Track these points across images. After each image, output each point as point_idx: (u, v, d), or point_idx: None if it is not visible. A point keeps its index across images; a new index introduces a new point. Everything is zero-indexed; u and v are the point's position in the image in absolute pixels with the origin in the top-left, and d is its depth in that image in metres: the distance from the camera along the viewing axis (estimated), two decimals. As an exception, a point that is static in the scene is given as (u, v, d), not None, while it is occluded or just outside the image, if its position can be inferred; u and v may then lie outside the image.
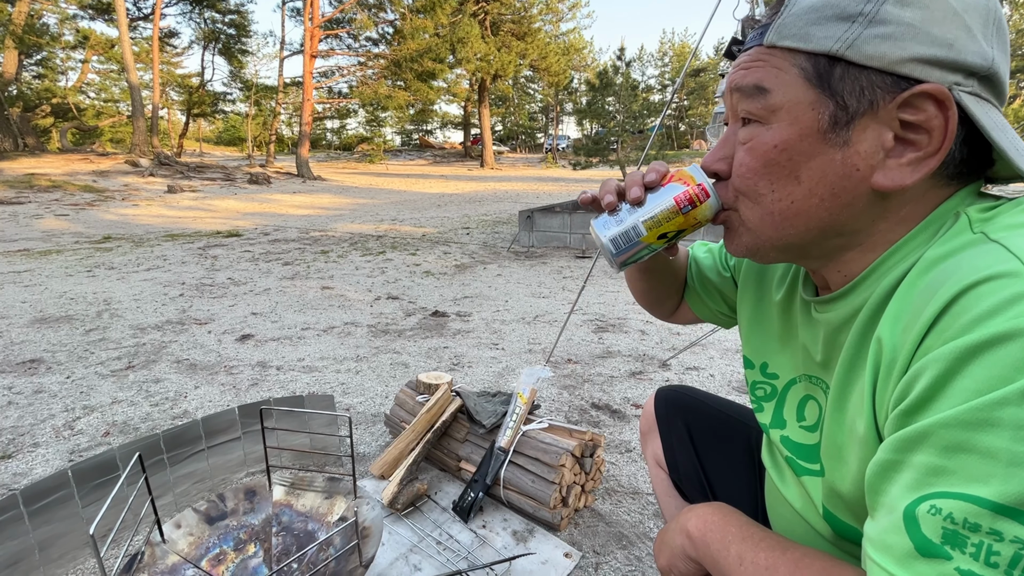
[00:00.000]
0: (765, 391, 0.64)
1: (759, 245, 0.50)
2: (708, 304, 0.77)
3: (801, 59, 0.43)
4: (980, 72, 0.40)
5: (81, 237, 6.65)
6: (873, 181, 0.42)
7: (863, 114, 0.41)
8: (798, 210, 0.46)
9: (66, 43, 21.83)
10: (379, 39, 22.46)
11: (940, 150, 0.40)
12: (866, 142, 0.42)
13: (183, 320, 3.10)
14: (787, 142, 0.44)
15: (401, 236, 6.67)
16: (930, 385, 0.35)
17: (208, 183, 14.38)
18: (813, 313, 0.54)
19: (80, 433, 1.78)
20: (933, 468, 0.34)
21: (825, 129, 0.42)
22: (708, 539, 0.53)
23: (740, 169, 0.48)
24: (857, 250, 0.47)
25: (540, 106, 42.48)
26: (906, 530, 0.35)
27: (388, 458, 1.49)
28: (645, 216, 0.54)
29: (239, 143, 39.80)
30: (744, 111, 0.47)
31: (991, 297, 0.34)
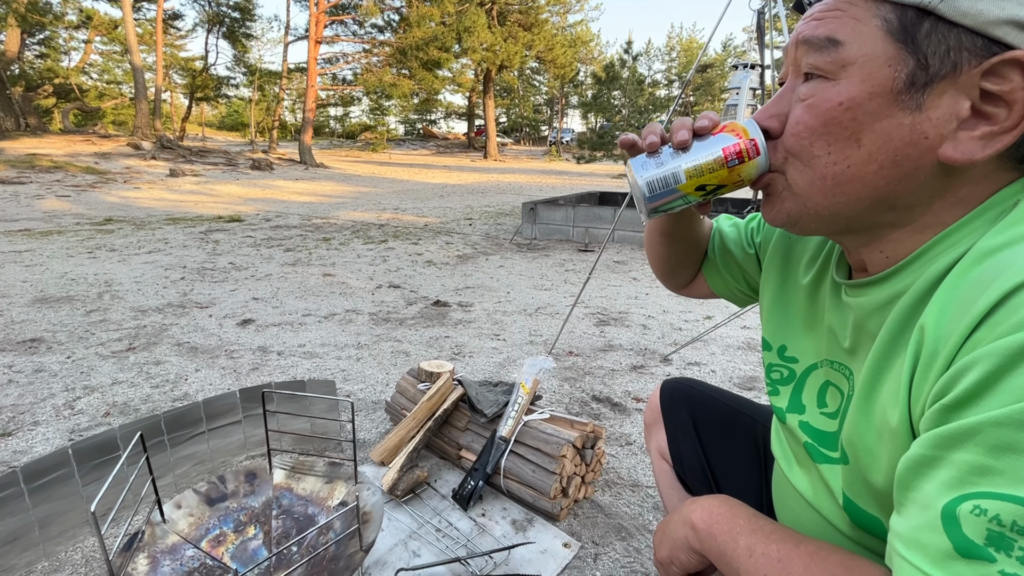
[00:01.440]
0: (782, 374, 0.62)
1: (803, 213, 0.47)
2: (726, 278, 0.74)
3: (886, 10, 0.39)
4: None
5: (82, 218, 6.63)
6: (940, 152, 0.39)
7: (943, 77, 0.38)
8: (853, 176, 0.42)
9: (69, 23, 21.65)
10: (385, 26, 22.28)
11: (1018, 126, 0.37)
12: (940, 109, 0.39)
13: (184, 303, 3.09)
14: (855, 100, 0.40)
15: (403, 225, 6.65)
16: (979, 381, 0.33)
17: (210, 168, 14.33)
18: (843, 296, 0.51)
19: (80, 413, 1.78)
20: (978, 467, 0.33)
21: (899, 89, 0.39)
22: (714, 531, 0.52)
23: (796, 127, 0.44)
24: (906, 229, 0.44)
25: (545, 98, 42.22)
26: (944, 529, 0.33)
27: (388, 445, 1.48)
28: (688, 163, 0.50)
29: (242, 128, 39.60)
30: (810, 65, 0.43)
31: None
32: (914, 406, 0.40)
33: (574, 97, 38.35)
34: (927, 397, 0.38)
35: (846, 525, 0.52)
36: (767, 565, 0.46)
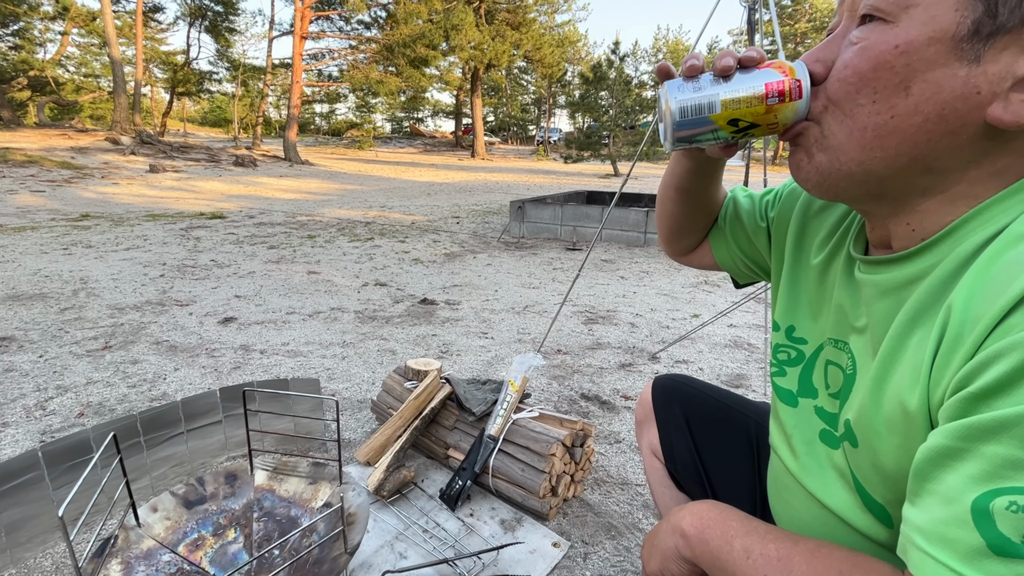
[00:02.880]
0: (789, 355, 0.61)
1: (833, 169, 0.44)
2: (732, 248, 0.73)
3: None
4: None
5: (57, 214, 6.45)
6: (989, 111, 0.37)
7: (1009, 31, 0.36)
8: (895, 128, 0.40)
9: (44, 14, 21.07)
10: (371, 22, 22.09)
11: None
12: (999, 64, 0.36)
13: (163, 301, 3.01)
14: (913, 44, 0.38)
15: (390, 223, 6.58)
16: (1014, 369, 0.31)
17: (192, 164, 14.05)
18: (857, 273, 0.50)
19: (52, 413, 1.72)
20: (1012, 461, 0.31)
21: (962, 36, 0.37)
22: (707, 536, 0.51)
23: (844, 72, 0.42)
24: (938, 198, 0.42)
25: (533, 98, 42.25)
26: (975, 524, 0.32)
27: (374, 444, 1.45)
28: (727, 92, 0.47)
29: (225, 124, 38.95)
30: (869, 6, 0.40)
31: None
32: (933, 390, 0.38)
33: (562, 97, 38.42)
34: (949, 382, 0.36)
35: (856, 516, 0.49)
36: (766, 565, 0.45)
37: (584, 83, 19.05)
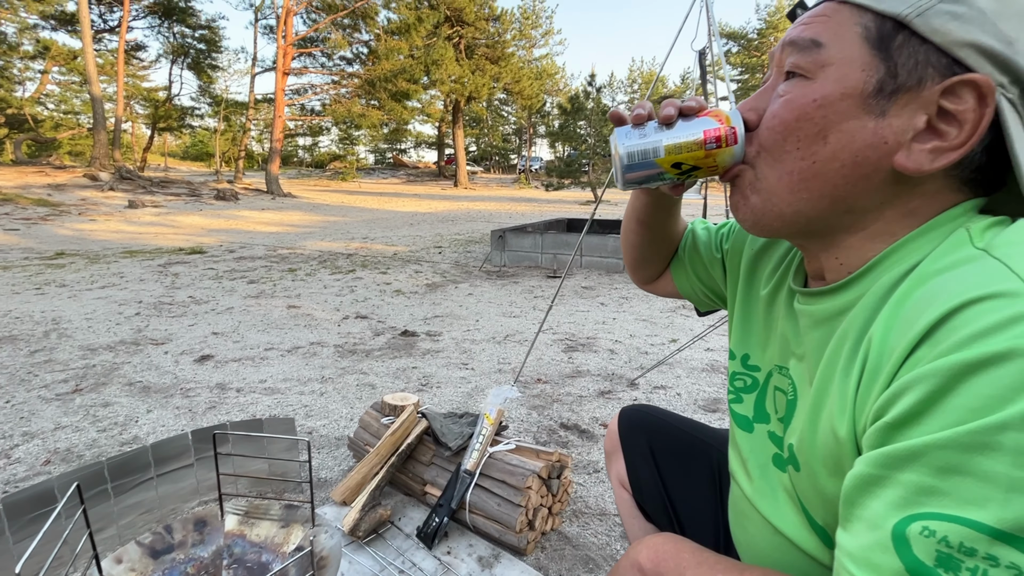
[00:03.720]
0: (745, 383, 0.64)
1: (767, 210, 0.49)
2: (691, 279, 0.77)
3: (868, 18, 0.42)
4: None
5: (32, 253, 6.33)
6: (895, 159, 0.42)
7: (908, 89, 0.41)
8: (817, 172, 0.45)
9: (25, 53, 21.09)
10: (353, 59, 22.52)
11: (965, 145, 0.40)
12: (901, 118, 0.42)
13: (138, 340, 2.96)
14: (828, 98, 0.43)
15: (372, 254, 6.59)
16: (921, 400, 0.34)
17: (172, 198, 13.97)
18: (796, 304, 0.53)
19: (17, 462, 1.67)
20: (925, 488, 0.33)
21: (868, 93, 0.42)
22: (662, 569, 0.52)
23: (772, 121, 0.47)
24: (860, 236, 0.46)
25: (514, 128, 43.13)
26: (896, 550, 0.34)
27: (351, 483, 1.44)
28: (669, 139, 0.52)
29: (207, 158, 38.90)
30: (792, 64, 0.46)
31: (992, 315, 0.33)
32: (858, 418, 0.41)
33: (542, 127, 39.33)
34: (870, 411, 0.39)
35: (805, 539, 0.52)
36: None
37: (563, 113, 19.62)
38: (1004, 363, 0.31)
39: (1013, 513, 0.30)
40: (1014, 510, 0.30)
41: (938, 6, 0.40)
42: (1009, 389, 0.31)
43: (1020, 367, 0.31)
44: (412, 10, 20.43)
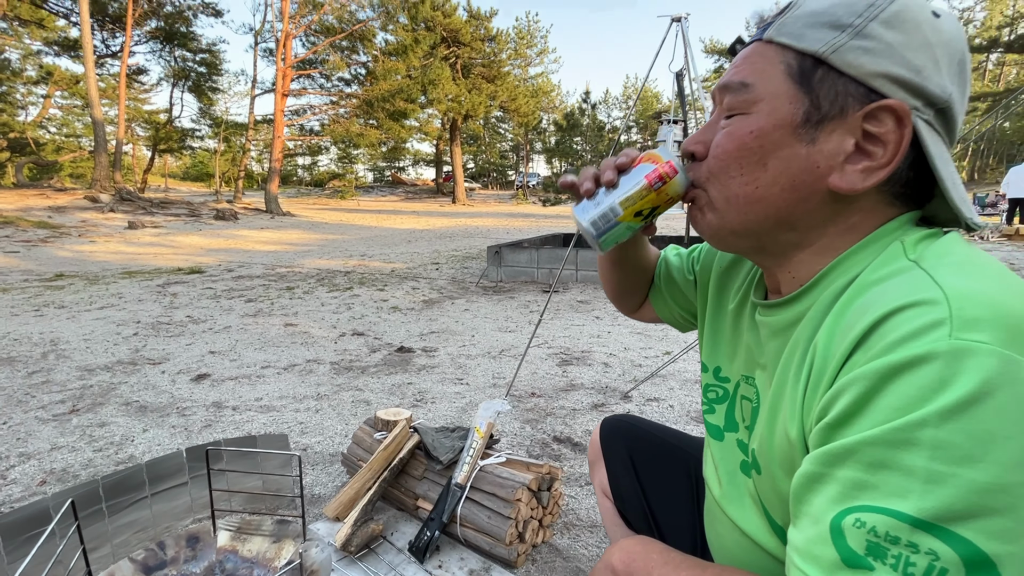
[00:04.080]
0: (717, 394, 0.67)
1: (721, 226, 0.53)
2: (670, 304, 0.80)
3: (790, 56, 0.47)
4: (938, 104, 0.45)
5: (31, 275, 6.37)
6: (829, 181, 0.46)
7: (833, 117, 0.46)
8: (761, 196, 0.49)
9: (28, 78, 21.42)
10: (352, 79, 22.87)
11: (891, 163, 0.45)
12: (830, 143, 0.46)
13: (135, 360, 2.98)
14: (762, 130, 0.48)
15: (370, 272, 6.63)
16: (854, 401, 0.38)
17: (172, 219, 14.07)
18: (757, 316, 0.57)
19: (13, 483, 1.68)
20: (858, 483, 0.36)
21: (797, 124, 0.47)
22: (632, 569, 0.55)
23: (716, 151, 0.51)
24: (808, 251, 0.50)
25: (511, 145, 43.57)
26: (832, 541, 0.37)
27: (343, 499, 1.45)
28: (620, 196, 0.57)
29: (207, 179, 39.24)
30: (728, 105, 0.51)
31: (913, 321, 0.37)
32: (806, 420, 0.44)
33: (538, 143, 39.75)
34: (815, 413, 0.42)
35: (767, 540, 0.54)
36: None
37: (559, 130, 19.88)
38: (923, 365, 0.35)
39: (931, 503, 0.33)
40: (932, 500, 0.33)
41: (850, 42, 0.44)
42: (927, 389, 0.34)
43: (936, 368, 0.34)
44: (409, 32, 20.82)
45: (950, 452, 0.33)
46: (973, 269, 0.40)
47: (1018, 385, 0.33)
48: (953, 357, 0.34)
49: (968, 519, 0.32)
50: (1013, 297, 0.37)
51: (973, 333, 0.34)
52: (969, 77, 0.47)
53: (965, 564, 0.32)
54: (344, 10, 20.32)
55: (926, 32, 0.44)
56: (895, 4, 0.44)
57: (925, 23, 0.44)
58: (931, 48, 0.44)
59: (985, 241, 9.25)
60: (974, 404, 0.33)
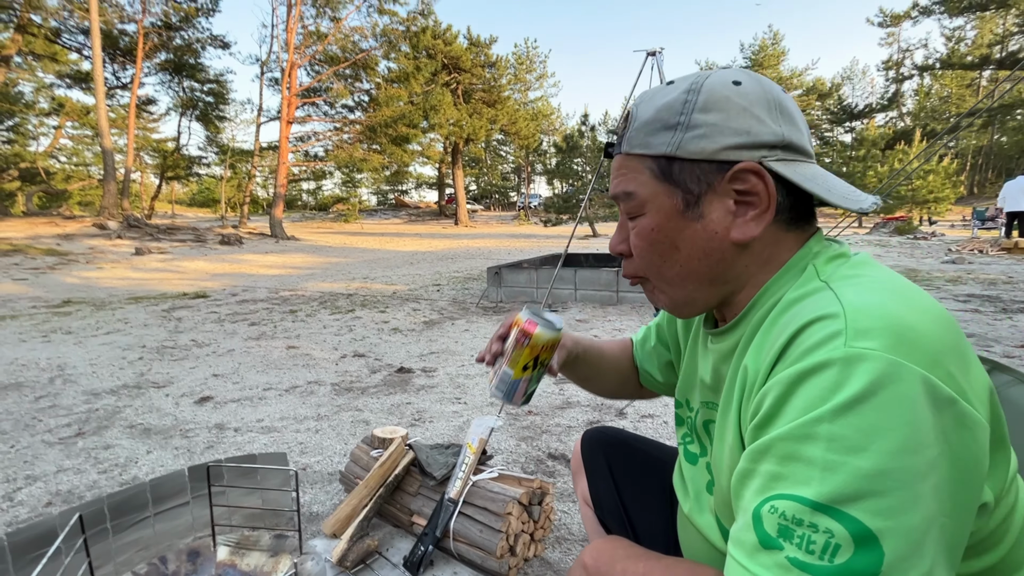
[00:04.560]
0: (688, 423, 0.73)
1: (674, 301, 0.61)
2: (658, 380, 0.87)
3: (648, 161, 0.56)
4: (778, 144, 0.53)
5: (39, 301, 6.47)
6: (731, 237, 0.54)
7: (705, 193, 0.54)
8: (688, 271, 0.57)
9: (40, 110, 22.00)
10: (355, 106, 23.38)
11: (770, 206, 0.53)
12: (716, 211, 0.54)
13: (140, 384, 3.04)
14: (659, 224, 0.56)
15: (372, 294, 6.71)
16: (772, 403, 0.44)
17: (178, 244, 14.27)
18: (709, 344, 0.64)
19: (20, 504, 1.72)
20: (774, 474, 0.42)
21: (682, 209, 0.55)
22: (599, 563, 0.60)
23: (636, 250, 0.60)
24: (742, 292, 0.58)
25: (512, 166, 44.15)
26: (753, 527, 0.42)
27: (341, 515, 1.49)
28: (507, 360, 0.70)
29: (213, 205, 39.82)
30: (625, 211, 0.60)
31: (817, 333, 0.43)
32: (744, 428, 0.50)
33: (539, 165, 40.26)
34: (747, 419, 0.48)
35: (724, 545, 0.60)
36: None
37: (559, 152, 20.19)
38: (824, 370, 0.41)
39: (827, 488, 0.39)
40: (828, 486, 0.39)
41: (686, 136, 0.53)
42: (825, 390, 0.40)
43: (833, 372, 0.40)
44: (411, 60, 21.37)
45: (841, 443, 0.39)
46: (871, 285, 0.47)
47: (900, 384, 0.39)
48: (847, 363, 0.40)
49: (856, 500, 0.38)
50: (902, 308, 0.43)
51: (864, 341, 0.40)
52: (790, 106, 0.55)
53: (854, 539, 0.37)
54: (347, 40, 20.91)
55: (736, 101, 0.52)
56: (703, 93, 0.53)
57: (732, 95, 0.52)
58: (747, 110, 0.52)
59: (984, 254, 9.29)
60: (861, 402, 0.39)
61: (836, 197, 0.53)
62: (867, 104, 35.79)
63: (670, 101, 0.54)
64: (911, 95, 35.83)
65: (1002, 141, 34.55)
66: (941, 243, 12.12)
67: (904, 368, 0.39)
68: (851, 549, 0.37)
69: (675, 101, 0.54)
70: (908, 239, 13.34)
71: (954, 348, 0.42)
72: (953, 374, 0.40)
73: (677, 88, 0.55)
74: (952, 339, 0.42)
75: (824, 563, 0.38)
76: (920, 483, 0.37)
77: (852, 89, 39.73)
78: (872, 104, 35.43)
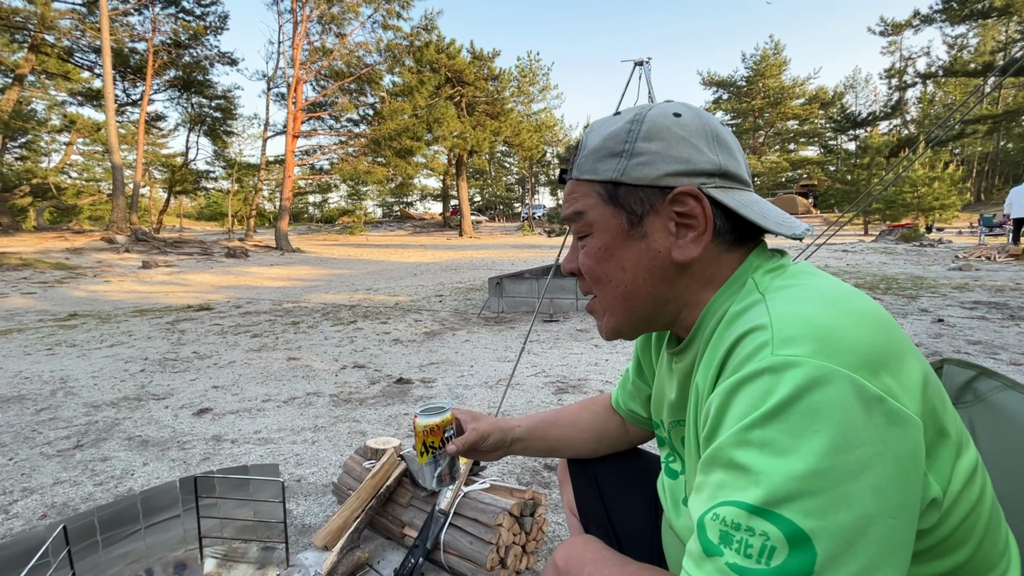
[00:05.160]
0: (665, 442, 0.74)
1: (618, 323, 0.62)
2: (642, 416, 0.87)
3: (596, 186, 0.58)
4: (715, 172, 0.55)
5: (46, 315, 6.54)
6: (673, 257, 0.56)
7: (648, 214, 0.56)
8: (632, 289, 0.59)
9: (52, 127, 22.42)
10: (360, 119, 23.67)
11: (708, 227, 0.55)
12: (658, 232, 0.56)
13: (140, 396, 3.05)
14: (606, 243, 0.59)
15: (374, 305, 6.73)
16: (715, 415, 0.45)
17: (184, 258, 14.41)
18: (673, 365, 0.65)
19: (15, 516, 1.72)
20: (718, 483, 0.43)
21: (626, 230, 0.57)
22: (569, 565, 0.61)
23: (585, 268, 0.62)
24: (687, 310, 0.60)
25: (516, 178, 44.40)
26: (698, 536, 0.42)
27: (332, 527, 1.47)
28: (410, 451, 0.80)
29: (220, 218, 40.24)
30: (576, 231, 0.62)
31: (749, 345, 0.44)
32: (700, 441, 0.51)
33: (543, 176, 40.46)
34: (702, 436, 0.49)
35: None
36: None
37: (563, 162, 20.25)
38: (755, 379, 0.42)
39: (761, 492, 0.39)
40: (762, 489, 0.39)
41: (630, 163, 0.56)
42: (757, 398, 0.41)
43: (763, 381, 0.41)
44: (415, 74, 21.63)
45: (772, 447, 0.39)
46: (802, 293, 0.48)
47: (826, 387, 0.39)
48: (775, 370, 0.41)
49: (789, 501, 0.38)
50: (827, 313, 0.44)
51: (789, 348, 0.41)
52: (727, 138, 0.58)
53: (788, 540, 0.37)
54: (352, 55, 21.23)
55: (676, 132, 0.55)
56: (645, 124, 0.56)
57: (672, 126, 0.56)
58: (686, 140, 0.55)
59: (991, 261, 9.20)
60: (788, 406, 0.39)
61: (771, 223, 0.55)
62: (870, 112, 35.82)
63: (616, 130, 0.57)
64: (915, 103, 35.82)
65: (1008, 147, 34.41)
66: (948, 250, 12.03)
67: (829, 371, 0.39)
68: (786, 551, 0.37)
69: (620, 130, 0.57)
70: (914, 246, 13.25)
71: (882, 347, 0.42)
72: (879, 373, 0.41)
73: (623, 119, 0.58)
74: (881, 339, 0.43)
75: (761, 566, 0.38)
76: (851, 482, 0.38)
77: (855, 97, 39.83)
78: (876, 112, 35.45)
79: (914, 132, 30.56)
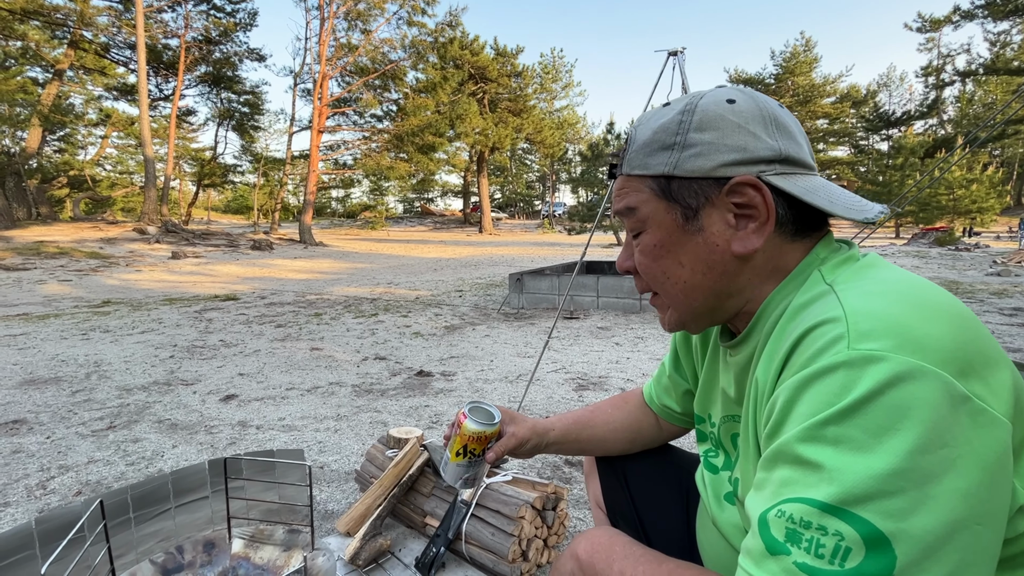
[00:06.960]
0: (711, 437, 0.71)
1: (682, 316, 0.60)
2: (676, 411, 0.84)
3: (648, 181, 0.56)
4: (775, 158, 0.52)
5: (81, 301, 6.77)
6: (733, 250, 0.53)
7: (704, 206, 0.53)
8: (692, 285, 0.56)
9: (89, 121, 23.19)
10: (383, 115, 23.91)
11: (770, 217, 0.52)
12: (716, 225, 0.53)
13: (170, 381, 3.13)
14: (661, 240, 0.56)
15: (395, 299, 6.79)
16: (781, 410, 0.43)
17: (212, 249, 14.76)
18: (728, 358, 0.63)
19: (52, 492, 1.78)
20: (783, 480, 0.41)
21: (682, 224, 0.55)
22: (594, 559, 0.58)
23: (640, 266, 0.60)
24: (751, 303, 0.57)
25: (537, 175, 44.28)
26: (760, 534, 0.41)
27: (355, 514, 1.49)
28: (448, 449, 0.77)
29: (246, 211, 41.12)
30: (629, 227, 0.60)
31: (821, 339, 0.42)
32: (760, 437, 0.49)
33: (564, 173, 40.25)
34: (762, 431, 0.47)
35: None
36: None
37: (584, 160, 20.17)
38: (829, 374, 0.40)
39: (836, 490, 0.37)
40: (836, 487, 0.37)
41: (683, 155, 0.53)
42: (832, 394, 0.39)
43: (840, 375, 0.39)
44: (438, 70, 21.73)
45: (850, 444, 0.37)
46: (876, 286, 0.45)
47: (911, 383, 0.37)
48: (853, 365, 0.39)
49: (866, 502, 0.36)
50: (905, 307, 0.41)
51: (868, 343, 0.39)
52: (787, 120, 0.54)
53: (865, 542, 0.35)
54: (377, 51, 21.43)
55: (730, 119, 0.52)
56: (697, 113, 0.53)
57: (726, 113, 0.53)
58: (742, 127, 0.52)
59: None
60: (869, 402, 0.37)
61: (840, 208, 0.51)
62: (905, 111, 34.64)
63: (666, 122, 0.55)
64: (952, 102, 34.50)
65: (1052, 149, 32.90)
66: (985, 255, 11.58)
67: (916, 367, 0.37)
68: (862, 552, 0.35)
69: (671, 122, 0.54)
70: (949, 251, 12.79)
71: (968, 345, 0.40)
72: (967, 372, 0.38)
73: (673, 109, 0.55)
74: (967, 336, 0.40)
75: (834, 567, 0.36)
76: (935, 484, 0.35)
77: (889, 96, 38.55)
78: (911, 111, 34.27)
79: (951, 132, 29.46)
